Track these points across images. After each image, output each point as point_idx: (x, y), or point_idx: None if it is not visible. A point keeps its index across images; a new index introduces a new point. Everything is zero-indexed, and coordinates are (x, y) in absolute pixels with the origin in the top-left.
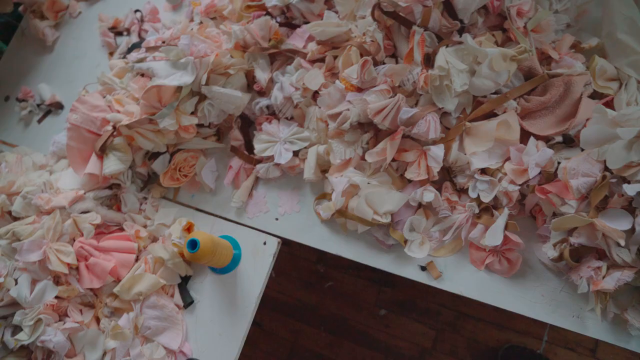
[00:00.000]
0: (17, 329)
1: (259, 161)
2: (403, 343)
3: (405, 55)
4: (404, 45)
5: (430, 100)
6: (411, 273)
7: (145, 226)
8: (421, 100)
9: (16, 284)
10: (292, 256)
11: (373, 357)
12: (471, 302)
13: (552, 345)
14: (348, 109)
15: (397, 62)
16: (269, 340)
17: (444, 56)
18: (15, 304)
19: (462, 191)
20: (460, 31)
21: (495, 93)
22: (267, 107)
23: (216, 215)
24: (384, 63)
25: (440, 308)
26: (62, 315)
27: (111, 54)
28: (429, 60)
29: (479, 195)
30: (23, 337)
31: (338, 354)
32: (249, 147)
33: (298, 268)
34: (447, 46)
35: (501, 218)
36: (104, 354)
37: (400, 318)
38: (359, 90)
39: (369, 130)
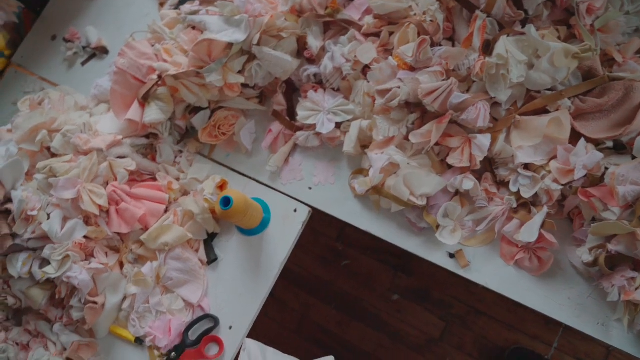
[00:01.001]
0: (44, 262)
1: (300, 128)
2: (412, 330)
3: (464, 39)
4: (464, 29)
5: (483, 88)
6: (439, 259)
7: (178, 179)
8: (474, 87)
9: (48, 218)
10: (312, 230)
11: (380, 339)
12: (485, 299)
13: (561, 353)
14: (398, 87)
15: (453, 46)
16: (279, 309)
17: (505, 45)
18: (45, 238)
19: (501, 184)
20: (524, 22)
21: (549, 90)
22: (315, 75)
23: (249, 177)
24: (440, 45)
25: (453, 301)
26: (89, 256)
27: (162, 4)
28: (487, 48)
29: (519, 190)
30: (50, 271)
31: (346, 331)
32: (291, 114)
33: (317, 243)
34: (507, 35)
35: (539, 215)
36: (124, 298)
37: (412, 305)
38: (412, 69)
39: (416, 110)
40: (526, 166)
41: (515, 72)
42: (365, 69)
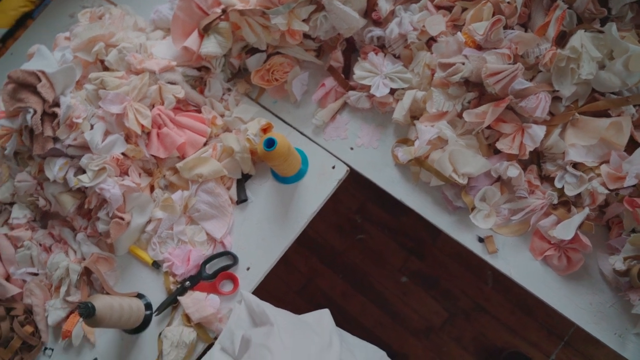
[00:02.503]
0: (79, 171)
1: (352, 88)
2: (414, 314)
3: (539, 27)
4: (540, 17)
5: (548, 79)
6: (467, 240)
7: (222, 115)
8: (538, 77)
9: (91, 129)
10: (333, 199)
11: (381, 317)
12: (492, 298)
13: None
14: (462, 63)
15: (525, 32)
16: (287, 269)
17: (581, 39)
18: (84, 148)
19: (545, 178)
20: (604, 20)
21: (614, 93)
22: (378, 38)
23: (293, 127)
24: (512, 29)
25: (460, 294)
26: (123, 173)
27: None
28: (560, 40)
29: (563, 187)
30: (85, 180)
31: (349, 303)
32: (345, 73)
33: (337, 212)
34: (585, 31)
35: (579, 215)
36: (149, 221)
37: (419, 290)
38: (479, 48)
39: (474, 90)
40: (575, 165)
41: (586, 68)
42: (430, 41)
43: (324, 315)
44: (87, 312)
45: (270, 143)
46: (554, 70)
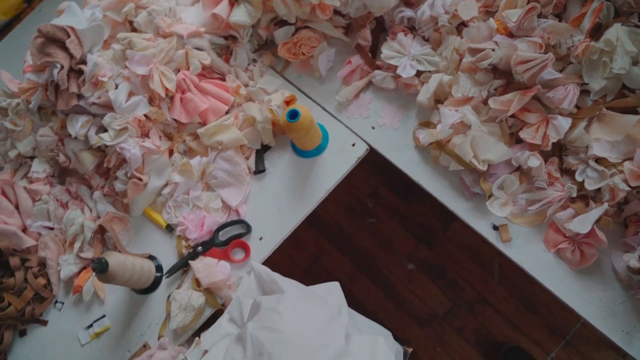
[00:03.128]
0: (100, 130)
1: (378, 67)
2: (418, 302)
3: (575, 17)
4: (576, 8)
5: (579, 72)
6: (482, 227)
7: (246, 85)
8: (568, 69)
9: (116, 88)
10: (347, 181)
11: (385, 302)
12: (497, 293)
13: None
14: (492, 49)
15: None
16: (295, 247)
17: (617, 32)
18: (108, 107)
19: (565, 171)
20: None
21: None
22: (409, 19)
23: (316, 102)
24: (546, 18)
25: (466, 285)
26: (144, 135)
27: None
28: (595, 32)
29: (583, 181)
30: (106, 138)
31: (354, 285)
32: (373, 52)
33: (349, 194)
34: (622, 24)
35: (597, 210)
36: (166, 184)
37: (425, 279)
38: (510, 36)
39: (501, 78)
40: (597, 160)
41: (619, 62)
42: (461, 25)
43: (333, 288)
44: (101, 267)
45: (293, 114)
46: (585, 62)
